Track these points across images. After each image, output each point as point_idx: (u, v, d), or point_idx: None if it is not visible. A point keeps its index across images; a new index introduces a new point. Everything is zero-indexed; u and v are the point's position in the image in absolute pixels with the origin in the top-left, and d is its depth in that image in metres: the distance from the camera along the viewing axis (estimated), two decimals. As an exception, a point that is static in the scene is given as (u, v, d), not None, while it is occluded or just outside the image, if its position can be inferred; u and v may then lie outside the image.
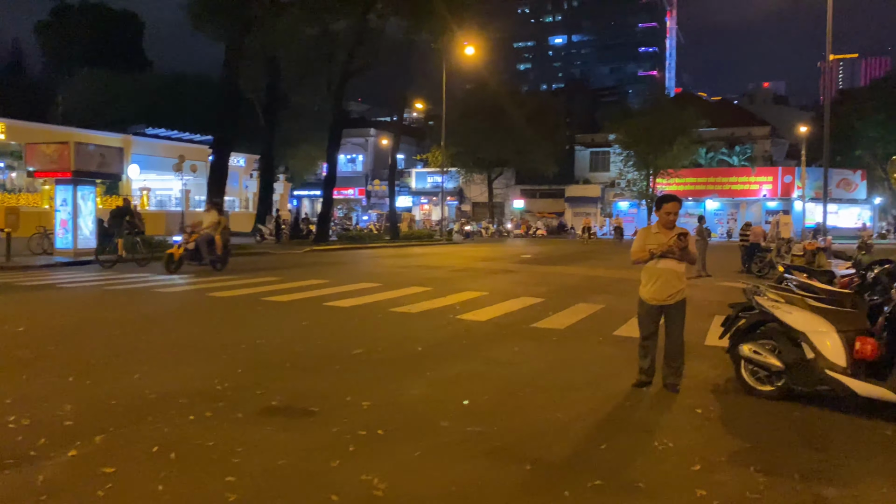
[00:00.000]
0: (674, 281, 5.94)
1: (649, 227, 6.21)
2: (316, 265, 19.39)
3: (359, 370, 6.52)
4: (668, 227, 5.98)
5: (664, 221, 5.99)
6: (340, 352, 7.28)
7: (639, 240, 6.10)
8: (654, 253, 5.88)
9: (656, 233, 6.01)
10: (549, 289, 13.90)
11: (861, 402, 5.38)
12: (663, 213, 5.98)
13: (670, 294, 5.95)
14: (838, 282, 9.79)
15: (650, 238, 6.01)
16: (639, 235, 6.18)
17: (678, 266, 5.95)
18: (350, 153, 68.36)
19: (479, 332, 8.69)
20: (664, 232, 5.96)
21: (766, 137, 58.16)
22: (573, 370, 6.76)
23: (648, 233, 6.11)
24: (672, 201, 6.01)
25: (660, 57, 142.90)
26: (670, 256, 5.89)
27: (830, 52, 26.76)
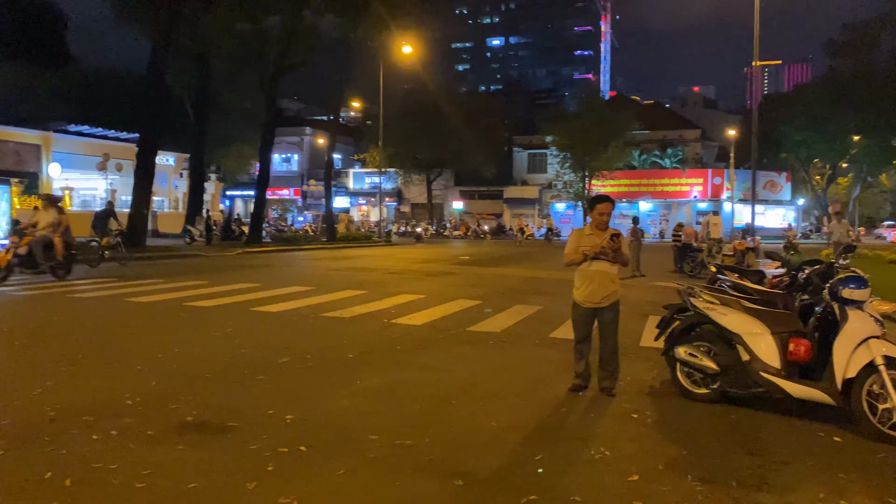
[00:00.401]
0: (607, 283, 5.83)
1: (582, 229, 6.05)
2: (246, 268, 18.74)
3: (284, 380, 6.16)
4: (601, 227, 5.85)
5: (597, 222, 5.86)
6: (266, 360, 6.89)
7: (572, 242, 5.95)
8: (586, 255, 5.77)
9: (589, 234, 5.88)
10: (486, 291, 13.76)
11: (795, 404, 5.36)
12: (596, 214, 5.86)
13: (604, 296, 5.84)
14: (769, 282, 9.95)
15: (583, 240, 5.88)
16: (572, 237, 6.03)
17: (611, 268, 5.84)
18: (285, 152, 67.17)
19: (414, 337, 8.42)
20: (597, 233, 5.83)
21: (697, 140, 59.93)
22: (509, 375, 6.57)
23: (581, 234, 5.96)
24: (605, 202, 5.89)
25: (595, 60, 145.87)
26: (603, 258, 5.78)
27: (757, 59, 27.70)
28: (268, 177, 36.10)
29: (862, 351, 4.94)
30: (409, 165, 55.98)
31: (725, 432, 4.99)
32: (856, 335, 4.98)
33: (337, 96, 40.82)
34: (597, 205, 5.88)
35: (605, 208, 5.83)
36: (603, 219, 5.83)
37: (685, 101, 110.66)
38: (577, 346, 6.06)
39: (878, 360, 4.87)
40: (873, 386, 4.92)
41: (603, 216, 5.82)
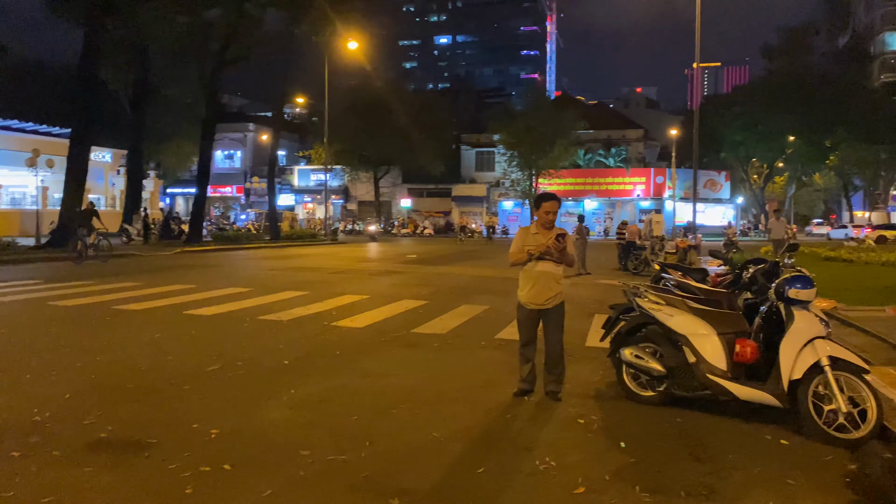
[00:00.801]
0: (551, 284, 5.66)
1: (528, 228, 5.83)
2: (184, 268, 18.05)
3: (212, 390, 5.77)
4: (546, 226, 5.66)
5: (543, 221, 5.67)
6: (194, 368, 6.48)
7: (517, 241, 5.74)
8: (531, 254, 5.58)
9: (535, 233, 5.68)
10: (432, 290, 13.51)
11: (741, 406, 5.27)
12: (542, 213, 5.66)
13: (548, 298, 5.65)
14: (711, 280, 9.98)
15: (529, 239, 5.67)
16: (517, 236, 5.81)
17: (556, 268, 5.66)
18: (227, 149, 65.61)
19: (355, 340, 8.10)
20: (543, 232, 5.64)
21: (640, 140, 61.01)
22: (453, 380, 6.32)
23: (527, 233, 5.74)
24: (550, 200, 5.68)
25: (541, 60, 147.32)
26: (548, 258, 5.60)
27: (698, 61, 28.32)
28: (208, 173, 35.08)
29: (807, 352, 4.87)
30: (356, 162, 55.32)
31: (672, 437, 4.85)
32: (802, 336, 4.91)
33: (281, 92, 39.92)
34: (542, 203, 5.67)
35: (550, 207, 5.64)
36: (549, 217, 5.64)
37: (628, 101, 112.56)
38: (522, 349, 5.85)
39: (824, 361, 4.81)
40: (819, 387, 4.85)
41: (549, 215, 5.64)
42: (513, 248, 5.74)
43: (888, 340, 7.73)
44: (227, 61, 33.27)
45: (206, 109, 33.96)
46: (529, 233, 5.72)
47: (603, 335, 6.56)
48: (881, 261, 18.05)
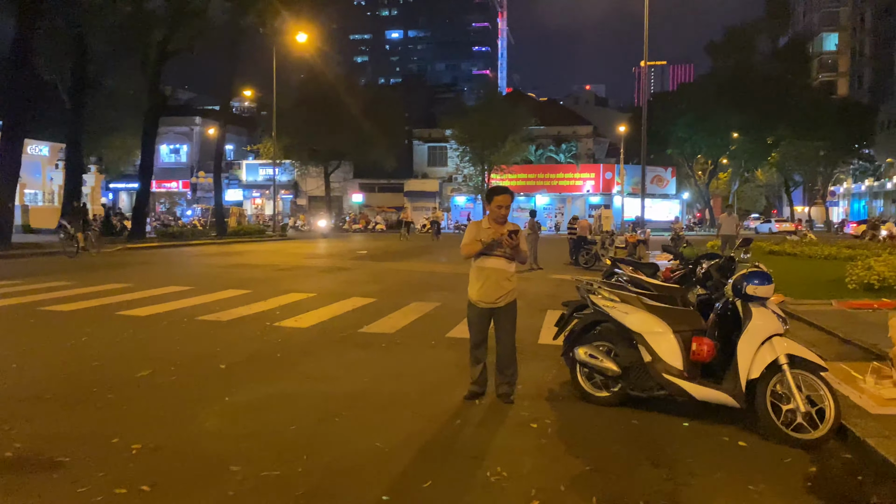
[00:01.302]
0: (503, 282, 5.41)
1: (480, 221, 5.57)
2: (123, 266, 17.26)
3: (139, 399, 5.33)
4: (499, 221, 5.41)
5: (495, 215, 5.41)
6: (121, 375, 6.01)
7: (469, 233, 5.51)
8: (484, 243, 5.34)
9: (487, 227, 5.42)
10: (382, 287, 13.16)
11: (698, 406, 5.11)
12: (494, 207, 5.41)
13: (500, 296, 5.40)
14: (662, 274, 9.91)
15: (481, 233, 5.42)
16: (469, 229, 5.57)
17: (508, 265, 5.43)
18: (173, 143, 63.84)
19: (299, 341, 7.71)
20: (495, 227, 5.39)
21: (590, 136, 61.64)
22: (402, 382, 6.01)
23: (479, 227, 5.48)
24: (503, 194, 5.44)
25: (492, 57, 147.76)
26: (500, 255, 5.37)
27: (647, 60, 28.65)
28: (151, 167, 33.98)
29: (765, 350, 4.73)
30: (306, 157, 54.32)
31: (629, 441, 4.65)
32: (760, 333, 4.76)
33: (228, 84, 38.90)
34: (494, 197, 5.42)
35: (503, 200, 5.39)
36: (501, 212, 5.39)
37: (578, 98, 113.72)
38: (473, 349, 5.59)
39: (782, 359, 4.67)
40: (776, 386, 4.71)
41: (501, 209, 5.38)
42: (465, 240, 5.50)
43: (837, 335, 7.74)
44: (169, 52, 32.18)
45: (149, 101, 32.81)
46: (481, 227, 5.47)
47: (556, 333, 6.35)
48: (823, 254, 18.42)
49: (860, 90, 73.48)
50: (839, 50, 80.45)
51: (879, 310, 9.47)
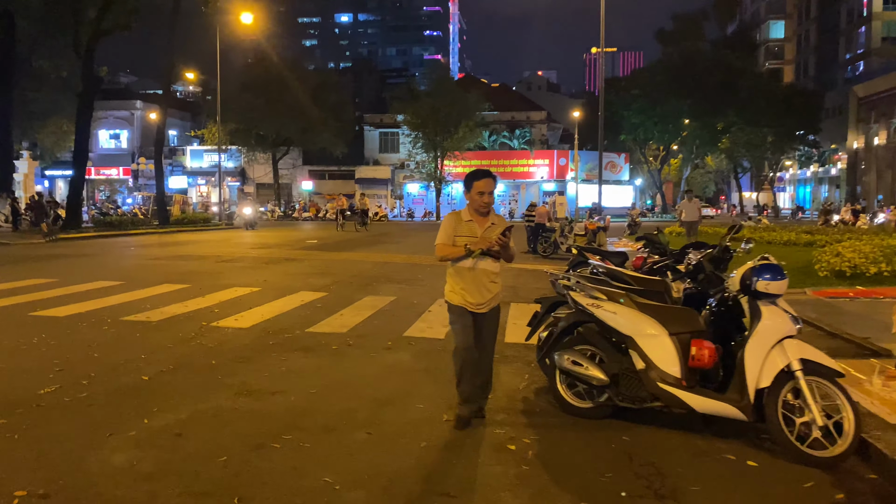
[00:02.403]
0: (489, 284, 4.54)
1: (459, 213, 4.62)
2: (51, 258, 15.94)
3: (37, 425, 4.42)
4: (481, 211, 4.54)
5: (476, 204, 4.52)
6: (22, 392, 5.06)
7: (445, 229, 4.56)
8: (470, 251, 4.41)
9: (468, 220, 4.54)
10: (333, 280, 12.28)
11: (693, 417, 4.47)
12: (475, 194, 4.50)
13: (486, 300, 4.54)
14: (632, 264, 9.32)
15: (462, 227, 4.53)
16: (446, 223, 4.60)
17: (495, 265, 4.57)
18: (113, 128, 61.25)
19: (238, 345, 6.83)
20: (478, 219, 4.54)
21: (543, 122, 61.29)
22: (354, 395, 5.22)
23: (458, 220, 4.56)
24: (484, 178, 4.50)
25: (444, 42, 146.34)
26: (487, 255, 4.49)
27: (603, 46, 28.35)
28: (86, 153, 32.14)
29: (776, 354, 4.10)
30: (253, 142, 52.60)
31: (622, 464, 3.97)
32: (771, 336, 4.13)
33: (168, 66, 36.96)
34: (474, 182, 4.51)
35: (484, 186, 4.48)
36: (483, 199, 4.48)
37: (530, 84, 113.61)
38: (463, 363, 4.50)
39: (795, 365, 4.05)
40: (788, 396, 4.10)
41: (483, 196, 4.47)
42: (441, 237, 4.56)
43: (823, 327, 7.24)
44: (103, 30, 30.34)
45: (82, 82, 30.94)
46: (461, 220, 4.56)
47: (529, 333, 5.66)
48: (783, 240, 18.25)
49: (806, 78, 74.99)
50: (786, 38, 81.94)
51: (857, 298, 9.08)
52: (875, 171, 53.02)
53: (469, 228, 4.49)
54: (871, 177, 53.50)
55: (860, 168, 55.98)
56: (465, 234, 4.47)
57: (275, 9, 75.40)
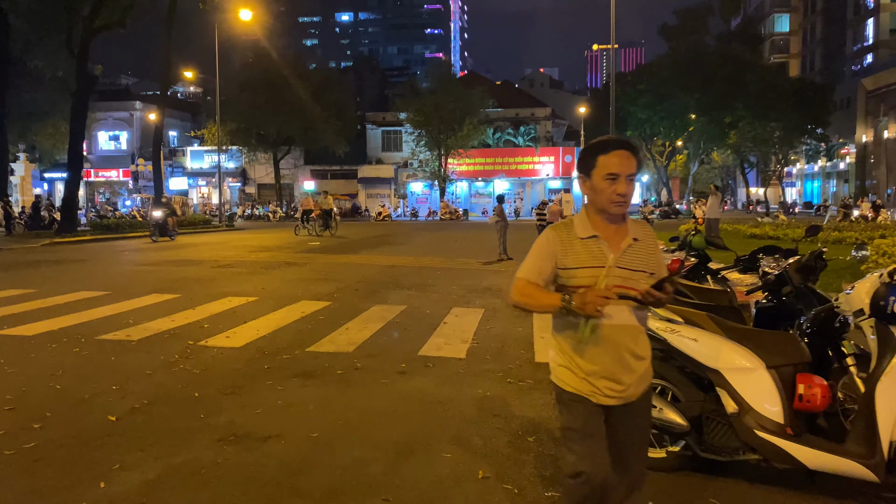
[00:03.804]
0: (632, 350, 2.45)
1: (567, 225, 2.51)
2: (39, 265, 15.03)
3: (-38, 491, 3.49)
4: (613, 214, 2.43)
5: (606, 201, 2.40)
6: (-45, 441, 4.13)
7: (540, 253, 2.48)
8: (595, 310, 2.26)
9: (590, 237, 2.43)
10: (337, 286, 11.34)
11: (801, 473, 3.53)
12: (601, 179, 2.39)
13: (629, 381, 2.45)
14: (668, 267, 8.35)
15: (576, 251, 2.43)
16: (542, 243, 2.50)
17: (640, 315, 2.49)
18: (112, 130, 60.45)
19: (227, 369, 5.89)
20: (609, 232, 2.44)
21: (548, 118, 60.28)
22: (364, 439, 4.27)
23: (568, 237, 2.45)
24: (621, 149, 2.40)
25: (445, 39, 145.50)
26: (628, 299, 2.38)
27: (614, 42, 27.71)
28: (81, 154, 31.26)
29: (917, 397, 3.15)
30: (253, 142, 51.71)
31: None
32: (911, 373, 3.18)
33: (166, 65, 36.06)
34: (600, 157, 2.40)
35: (620, 163, 2.37)
36: (617, 191, 2.38)
37: (533, 81, 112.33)
38: (585, 496, 2.45)
39: (943, 412, 3.10)
40: (933, 450, 3.15)
41: (617, 183, 2.37)
42: (527, 266, 2.49)
43: None
44: (97, 28, 29.45)
45: (76, 81, 30.06)
46: (574, 236, 2.45)
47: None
48: (809, 238, 17.26)
49: (812, 72, 73.93)
50: (791, 31, 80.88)
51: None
52: (885, 165, 51.96)
53: (591, 252, 2.39)
54: (881, 171, 52.46)
55: (869, 162, 54.92)
56: (586, 265, 2.38)
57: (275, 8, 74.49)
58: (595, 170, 2.40)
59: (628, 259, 2.40)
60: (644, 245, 2.45)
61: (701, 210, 27.39)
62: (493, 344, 6.95)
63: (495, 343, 7.00)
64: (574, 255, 2.41)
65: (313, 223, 27.69)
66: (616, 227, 2.45)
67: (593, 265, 2.38)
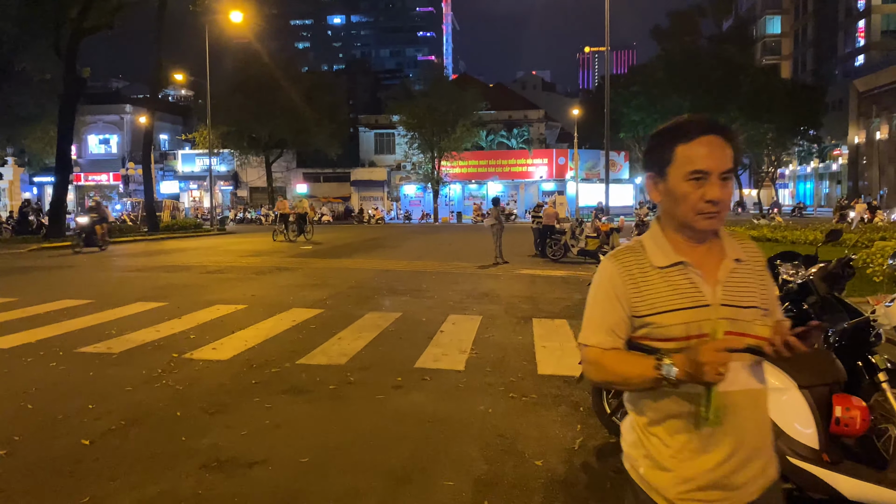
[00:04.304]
0: (758, 426, 1.66)
1: (635, 248, 1.70)
2: (23, 271, 14.62)
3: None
4: (702, 231, 1.63)
5: (689, 213, 1.60)
6: (-90, 471, 3.79)
7: (606, 297, 1.67)
8: (717, 372, 1.45)
9: (672, 265, 1.64)
10: (329, 293, 11.01)
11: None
12: (684, 178, 1.59)
13: (751, 474, 1.62)
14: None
15: (660, 290, 1.62)
16: (604, 283, 1.68)
17: (768, 378, 1.77)
18: (102, 133, 59.90)
19: (213, 385, 5.55)
20: (697, 255, 1.65)
21: (541, 120, 60.12)
22: (358, 464, 3.94)
23: (641, 268, 1.65)
24: (709, 133, 1.59)
25: (437, 42, 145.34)
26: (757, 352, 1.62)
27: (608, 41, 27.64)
28: (69, 158, 30.89)
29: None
30: (245, 145, 51.29)
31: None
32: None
33: (156, 66, 35.64)
34: (678, 146, 1.61)
35: (710, 156, 1.58)
36: (705, 196, 1.58)
37: (525, 84, 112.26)
38: None
39: None
40: None
41: (705, 183, 1.58)
42: (591, 323, 1.68)
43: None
44: (85, 29, 29.06)
45: (64, 84, 29.65)
46: (649, 264, 1.66)
47: (581, 373, 4.42)
48: (808, 239, 17.07)
49: (804, 73, 74.05)
50: (783, 33, 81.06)
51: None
52: (878, 166, 52.02)
53: (677, 286, 1.62)
54: (874, 172, 52.51)
55: (861, 163, 54.98)
56: (674, 306, 1.60)
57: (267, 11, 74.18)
58: (672, 166, 1.62)
59: (733, 291, 1.62)
60: (750, 269, 1.68)
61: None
62: (492, 354, 6.64)
63: (495, 353, 6.69)
64: (653, 293, 1.62)
65: (291, 227, 26.17)
66: (707, 247, 1.66)
67: (685, 305, 1.60)
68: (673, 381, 1.51)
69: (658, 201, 1.70)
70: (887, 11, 62.03)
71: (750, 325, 1.62)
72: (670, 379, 1.51)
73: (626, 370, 1.61)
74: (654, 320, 1.62)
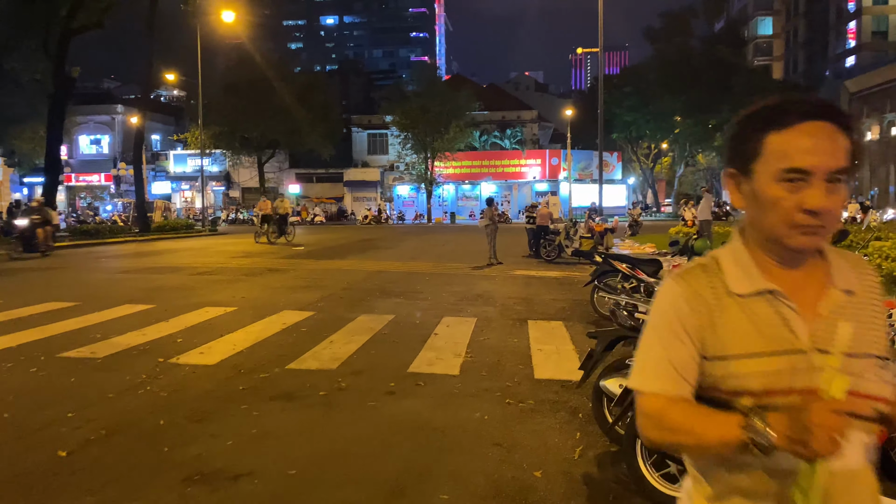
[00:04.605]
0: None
1: (708, 267, 1.30)
2: (9, 273, 14.36)
3: None
4: (798, 247, 1.21)
5: (781, 225, 1.20)
6: None
7: (667, 335, 1.26)
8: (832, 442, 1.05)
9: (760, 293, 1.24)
10: (321, 295, 10.82)
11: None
12: (774, 179, 1.20)
13: None
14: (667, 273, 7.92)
15: (741, 326, 1.22)
16: (666, 314, 1.27)
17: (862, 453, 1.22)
18: (94, 133, 59.47)
19: (198, 392, 5.36)
20: (801, 291, 1.24)
21: (534, 121, 60.04)
22: (349, 475, 3.77)
23: (715, 294, 1.25)
24: (818, 118, 1.19)
25: (430, 43, 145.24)
26: None
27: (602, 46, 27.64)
28: (59, 158, 30.56)
29: None
30: (237, 146, 50.98)
31: None
32: None
33: (147, 66, 35.35)
34: (771, 134, 1.21)
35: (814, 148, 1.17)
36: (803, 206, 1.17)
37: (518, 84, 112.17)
38: None
39: None
40: None
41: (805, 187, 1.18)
42: (653, 369, 1.26)
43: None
44: (74, 29, 28.76)
45: (54, 84, 29.34)
46: (725, 292, 1.26)
47: (581, 379, 4.27)
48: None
49: (795, 74, 74.22)
50: (774, 34, 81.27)
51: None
52: (868, 167, 52.16)
53: (764, 322, 1.22)
54: (865, 172, 52.64)
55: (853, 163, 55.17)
56: (761, 349, 1.20)
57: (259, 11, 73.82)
58: (760, 161, 1.22)
59: (843, 336, 1.20)
60: (865, 303, 1.27)
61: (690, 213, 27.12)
62: (488, 358, 6.48)
63: (490, 357, 6.53)
64: (728, 330, 1.23)
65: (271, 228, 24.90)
66: (807, 272, 1.27)
67: (771, 350, 1.21)
68: (766, 449, 1.10)
69: (741, 207, 1.28)
70: (878, 13, 62.23)
71: (866, 382, 1.19)
72: (762, 444, 1.10)
73: (700, 429, 1.17)
74: (735, 368, 1.21)
